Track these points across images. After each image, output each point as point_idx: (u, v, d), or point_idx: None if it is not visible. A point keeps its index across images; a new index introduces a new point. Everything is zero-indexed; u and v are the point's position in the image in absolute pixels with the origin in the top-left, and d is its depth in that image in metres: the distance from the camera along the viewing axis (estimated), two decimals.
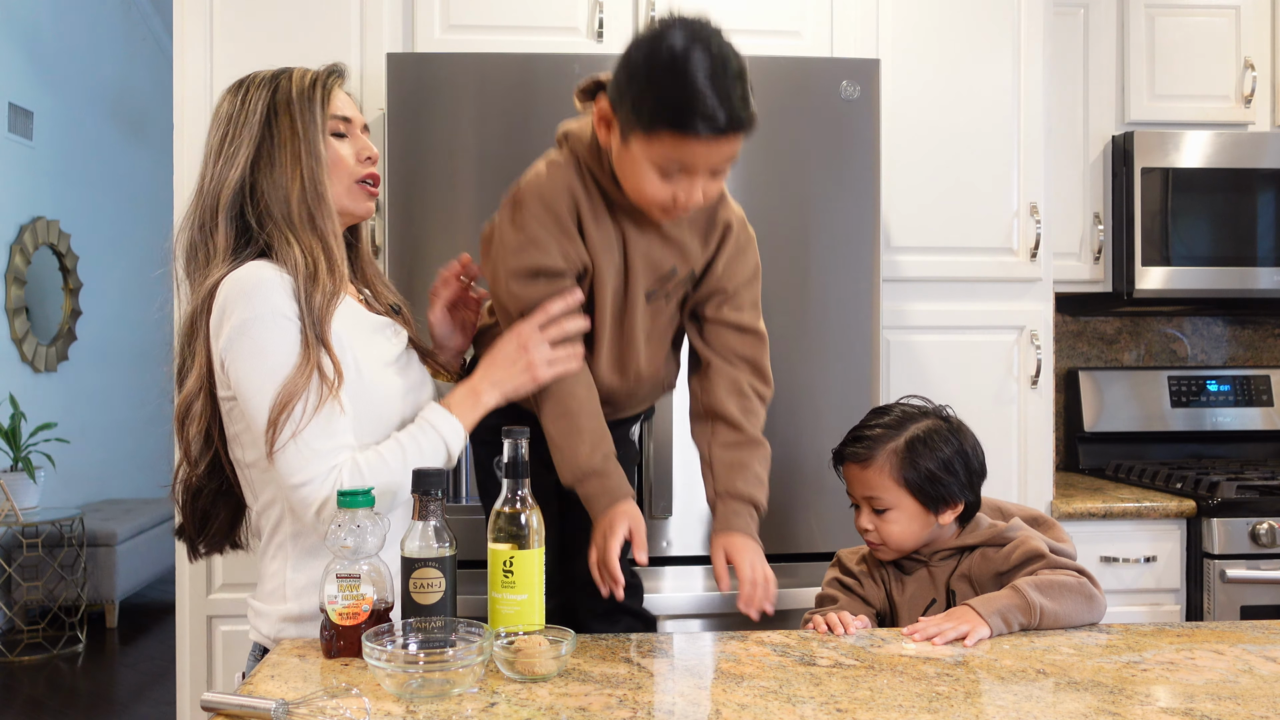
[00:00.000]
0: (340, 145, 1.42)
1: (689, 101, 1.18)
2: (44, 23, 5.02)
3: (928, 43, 2.38)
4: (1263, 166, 2.70)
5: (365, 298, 1.51)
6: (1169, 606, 2.43)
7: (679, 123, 1.20)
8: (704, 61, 1.19)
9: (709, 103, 1.18)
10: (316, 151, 1.37)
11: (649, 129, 1.22)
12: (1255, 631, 1.34)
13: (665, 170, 1.25)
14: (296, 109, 1.38)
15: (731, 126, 1.21)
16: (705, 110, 1.18)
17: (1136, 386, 2.99)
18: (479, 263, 1.51)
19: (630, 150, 1.26)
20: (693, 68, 1.18)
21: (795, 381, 2.11)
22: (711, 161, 1.25)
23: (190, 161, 2.23)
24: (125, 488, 5.81)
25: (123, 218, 5.88)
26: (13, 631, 4.48)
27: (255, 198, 1.37)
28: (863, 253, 2.13)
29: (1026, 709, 1.04)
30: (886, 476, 1.47)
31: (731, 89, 1.20)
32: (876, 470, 1.48)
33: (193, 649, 2.23)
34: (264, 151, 1.37)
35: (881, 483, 1.48)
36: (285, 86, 1.40)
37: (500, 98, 2.08)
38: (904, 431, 1.49)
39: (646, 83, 1.21)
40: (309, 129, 1.38)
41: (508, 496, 1.21)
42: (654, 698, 1.06)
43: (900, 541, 1.49)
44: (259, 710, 1.00)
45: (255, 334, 1.28)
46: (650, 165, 1.25)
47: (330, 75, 1.43)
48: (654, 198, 1.28)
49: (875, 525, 1.49)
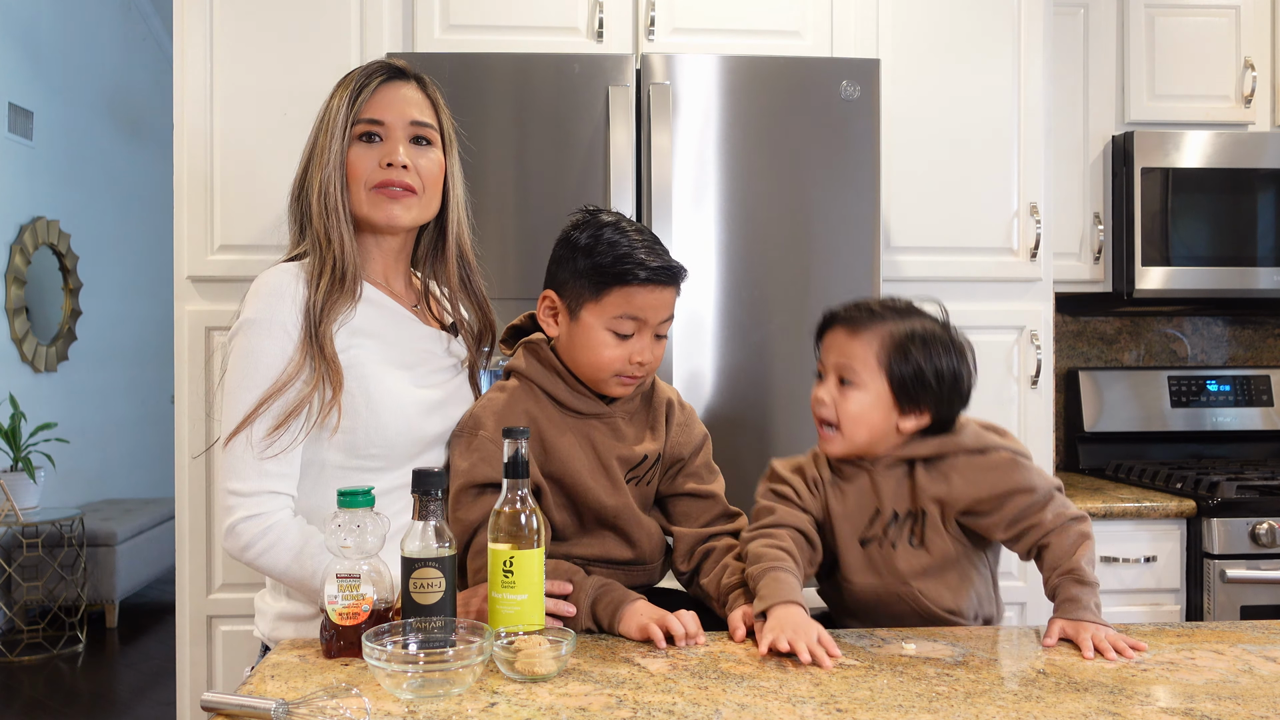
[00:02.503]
0: (362, 150, 1.39)
1: (630, 256, 1.36)
2: (43, 23, 5.02)
3: (928, 43, 2.38)
4: (1263, 166, 2.70)
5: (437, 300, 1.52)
6: (1169, 606, 2.43)
7: (625, 276, 1.36)
8: (633, 230, 1.40)
9: (646, 256, 1.37)
10: (327, 158, 1.36)
11: (598, 291, 1.37)
12: (1255, 631, 1.34)
13: (619, 329, 1.37)
14: (331, 113, 1.38)
15: (669, 273, 1.38)
16: (646, 261, 1.36)
17: (1136, 386, 2.98)
18: None
19: (582, 323, 1.39)
20: (626, 235, 1.38)
21: (795, 383, 2.11)
22: (658, 311, 1.38)
23: (190, 161, 2.23)
24: (125, 488, 5.81)
25: (123, 218, 5.88)
26: (13, 631, 4.48)
27: (305, 194, 1.39)
28: (863, 253, 2.13)
29: (1026, 709, 1.04)
30: (871, 354, 1.36)
31: (658, 246, 1.40)
32: (864, 343, 1.37)
33: (193, 649, 2.23)
34: (313, 151, 1.39)
35: (863, 356, 1.36)
36: (339, 88, 1.40)
37: (500, 98, 2.08)
38: (909, 321, 1.39)
39: (590, 255, 1.38)
40: (331, 134, 1.37)
41: (508, 496, 1.21)
42: (654, 698, 1.06)
43: (853, 426, 1.36)
44: (259, 710, 1.01)
45: (249, 336, 1.32)
46: (604, 330, 1.38)
47: (371, 78, 1.40)
48: (610, 364, 1.38)
49: (834, 399, 1.37)
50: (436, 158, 1.43)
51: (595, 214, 1.43)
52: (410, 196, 1.41)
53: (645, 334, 1.39)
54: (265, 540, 1.29)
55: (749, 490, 2.15)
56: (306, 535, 1.31)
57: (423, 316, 1.48)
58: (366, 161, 1.38)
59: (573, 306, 1.40)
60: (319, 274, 1.34)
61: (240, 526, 1.29)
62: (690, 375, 2.11)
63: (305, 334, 1.31)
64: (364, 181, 1.39)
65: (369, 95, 1.39)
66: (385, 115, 1.39)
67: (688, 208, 2.11)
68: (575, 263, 1.39)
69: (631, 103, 2.09)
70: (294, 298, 1.32)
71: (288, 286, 1.33)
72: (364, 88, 1.38)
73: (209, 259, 2.24)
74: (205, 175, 2.24)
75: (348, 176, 1.38)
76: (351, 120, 1.37)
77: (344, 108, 1.37)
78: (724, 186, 2.12)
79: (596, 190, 2.09)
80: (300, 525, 1.32)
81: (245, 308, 1.34)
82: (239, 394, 1.30)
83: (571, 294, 1.40)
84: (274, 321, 1.31)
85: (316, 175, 1.37)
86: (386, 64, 1.43)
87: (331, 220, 1.36)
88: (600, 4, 2.30)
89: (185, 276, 2.25)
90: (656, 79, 2.11)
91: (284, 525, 1.30)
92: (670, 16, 2.32)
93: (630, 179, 2.08)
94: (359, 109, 1.38)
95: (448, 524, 1.21)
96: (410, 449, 1.39)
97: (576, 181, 2.09)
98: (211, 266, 2.23)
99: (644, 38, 2.32)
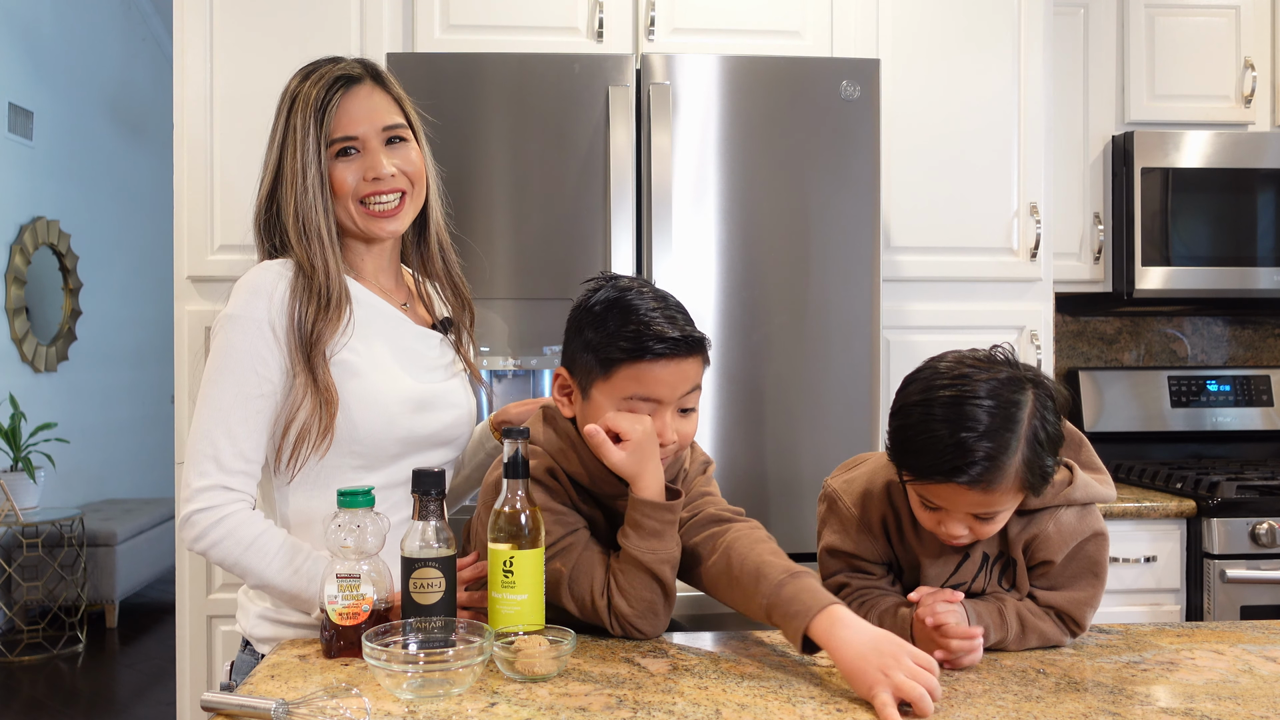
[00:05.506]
0: (345, 167, 1.37)
1: (640, 328, 1.22)
2: (44, 23, 5.02)
3: (928, 42, 2.38)
4: (1263, 166, 2.70)
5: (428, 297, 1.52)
6: (1169, 606, 2.43)
7: (634, 351, 1.22)
8: (648, 296, 1.26)
9: (659, 326, 1.22)
10: (306, 185, 1.34)
11: (607, 369, 1.23)
12: (1255, 631, 1.34)
13: (633, 409, 1.23)
14: (299, 135, 1.34)
15: (685, 345, 1.23)
16: (657, 333, 1.21)
17: (1136, 386, 2.98)
18: None
19: (594, 403, 1.25)
20: (639, 302, 1.24)
21: (795, 381, 2.11)
22: (674, 388, 1.24)
23: (190, 161, 2.24)
24: (125, 488, 5.81)
25: (123, 218, 5.89)
26: (13, 631, 4.48)
27: (276, 216, 1.38)
28: (863, 253, 2.13)
29: (1026, 709, 1.04)
30: (1010, 493, 1.18)
31: (676, 314, 1.25)
32: (1000, 493, 1.17)
33: (193, 649, 2.24)
34: (279, 177, 1.37)
35: (1002, 500, 1.18)
36: (296, 106, 1.36)
37: (500, 98, 2.08)
38: (1015, 432, 1.16)
39: (598, 327, 1.24)
40: (302, 157, 1.34)
41: (507, 496, 1.21)
42: (654, 698, 1.06)
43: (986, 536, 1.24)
44: (259, 710, 1.00)
45: (229, 332, 1.32)
46: (613, 409, 1.24)
47: (331, 92, 1.36)
48: None
49: (973, 529, 1.22)
50: (415, 151, 1.42)
51: (611, 280, 1.29)
52: (403, 200, 1.40)
53: (664, 412, 1.24)
54: (217, 532, 1.28)
55: (747, 490, 2.15)
56: (260, 530, 1.30)
57: (413, 314, 1.48)
58: (349, 176, 1.37)
59: (583, 385, 1.27)
60: (305, 297, 1.33)
61: (195, 517, 1.28)
62: None
63: (290, 341, 1.31)
64: (350, 195, 1.38)
65: (334, 111, 1.35)
66: (357, 129, 1.37)
67: (688, 208, 2.11)
68: (583, 335, 1.26)
69: (631, 103, 2.09)
70: (274, 296, 1.32)
71: (266, 285, 1.33)
72: (327, 104, 1.35)
73: (209, 259, 2.24)
74: (205, 175, 2.24)
75: (332, 193, 1.37)
76: (324, 142, 1.35)
77: (311, 128, 1.34)
78: (724, 186, 2.12)
79: (596, 190, 2.09)
80: (257, 520, 1.30)
81: (228, 303, 1.34)
82: (210, 389, 1.30)
83: (581, 371, 1.27)
84: (252, 318, 1.31)
85: (290, 199, 1.34)
86: (342, 72, 1.38)
87: (314, 246, 1.34)
88: (600, 4, 2.30)
89: (185, 276, 2.25)
90: (656, 79, 2.11)
91: (238, 518, 1.29)
92: (670, 16, 2.32)
93: (630, 179, 2.08)
94: (328, 128, 1.35)
95: (447, 524, 1.21)
96: (394, 449, 1.38)
97: (576, 182, 2.09)
98: (211, 266, 2.24)
99: (644, 38, 2.32)
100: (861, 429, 2.12)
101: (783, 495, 2.10)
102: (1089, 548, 1.29)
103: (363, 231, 1.40)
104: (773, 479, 2.11)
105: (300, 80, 1.38)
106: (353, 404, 1.34)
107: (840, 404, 2.11)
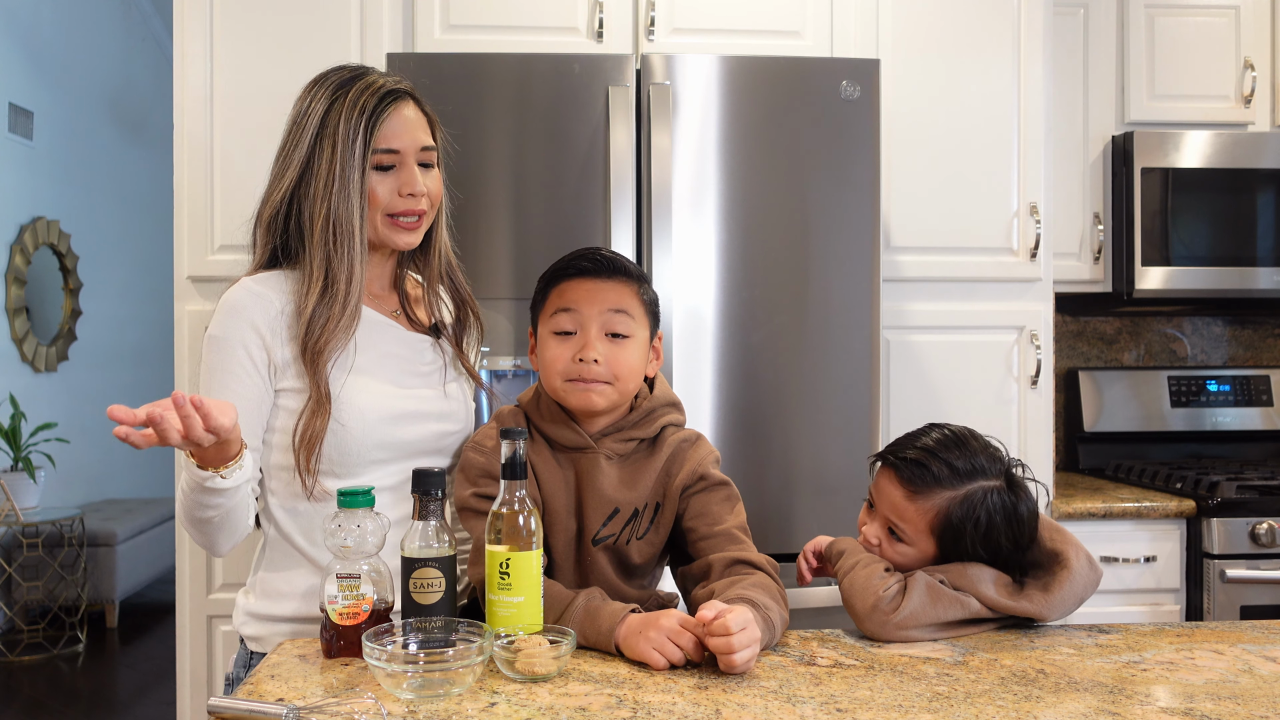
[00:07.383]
0: (381, 180, 1.37)
1: (567, 258, 1.38)
2: (44, 23, 5.02)
3: (928, 43, 2.38)
4: (1263, 166, 2.70)
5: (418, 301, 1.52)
6: (1169, 606, 2.43)
7: (560, 271, 1.37)
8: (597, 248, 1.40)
9: (584, 254, 1.37)
10: (347, 191, 1.34)
11: (543, 296, 1.38)
12: (1255, 631, 1.34)
13: (559, 327, 1.35)
14: (340, 142, 1.34)
15: (607, 266, 1.35)
16: (581, 254, 1.37)
17: (1136, 386, 2.99)
18: None
19: (541, 342, 1.38)
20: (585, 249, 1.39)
21: (795, 381, 2.11)
22: (593, 302, 1.34)
23: (190, 161, 2.24)
24: (125, 488, 5.81)
25: (123, 218, 5.89)
26: (13, 631, 4.48)
27: (294, 216, 1.38)
28: (863, 253, 2.13)
29: (1026, 709, 1.04)
30: (925, 523, 1.32)
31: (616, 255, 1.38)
32: (919, 511, 1.32)
33: (193, 649, 2.24)
34: (307, 175, 1.36)
35: (917, 522, 1.33)
36: (338, 109, 1.35)
37: (500, 98, 2.08)
38: (968, 489, 1.31)
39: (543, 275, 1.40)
40: (346, 166, 1.34)
41: (505, 498, 1.21)
42: (654, 698, 1.06)
43: (902, 566, 1.36)
44: (269, 715, 0.99)
45: (210, 352, 1.36)
46: (549, 335, 1.36)
47: (383, 103, 1.36)
48: (553, 363, 1.34)
49: (882, 543, 1.36)
50: (439, 178, 1.44)
51: None
52: (420, 220, 1.42)
53: (589, 329, 1.33)
54: None
55: (747, 490, 2.15)
56: None
57: (404, 321, 1.48)
58: (385, 189, 1.38)
59: (536, 328, 1.40)
60: (318, 302, 1.34)
61: None
62: (690, 375, 2.11)
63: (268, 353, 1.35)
64: (382, 208, 1.38)
65: (386, 121, 1.36)
66: (400, 144, 1.38)
67: (688, 208, 2.11)
68: (538, 285, 1.41)
69: (631, 103, 2.09)
70: (250, 316, 1.34)
71: (244, 305, 1.35)
72: (379, 113, 1.36)
73: (209, 259, 2.24)
74: (205, 175, 2.24)
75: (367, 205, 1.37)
76: (370, 149, 1.35)
77: (359, 134, 1.34)
78: (724, 186, 2.12)
79: (596, 190, 2.09)
80: None
81: (212, 324, 1.37)
82: None
83: (534, 318, 1.41)
84: (229, 339, 1.34)
85: (323, 200, 1.34)
86: (395, 85, 1.39)
87: (343, 250, 1.34)
88: (600, 4, 2.30)
89: (185, 277, 2.25)
90: (656, 79, 2.11)
91: None
92: (670, 16, 2.32)
93: (630, 179, 2.08)
94: (376, 138, 1.36)
95: (447, 524, 1.21)
96: (373, 454, 1.38)
97: (576, 182, 2.09)
98: (211, 267, 2.24)
99: (644, 38, 2.32)
100: (861, 429, 2.12)
101: (782, 495, 2.10)
102: None
103: (380, 241, 1.41)
104: (772, 479, 2.11)
105: (339, 86, 1.37)
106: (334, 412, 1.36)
107: (840, 404, 2.11)
